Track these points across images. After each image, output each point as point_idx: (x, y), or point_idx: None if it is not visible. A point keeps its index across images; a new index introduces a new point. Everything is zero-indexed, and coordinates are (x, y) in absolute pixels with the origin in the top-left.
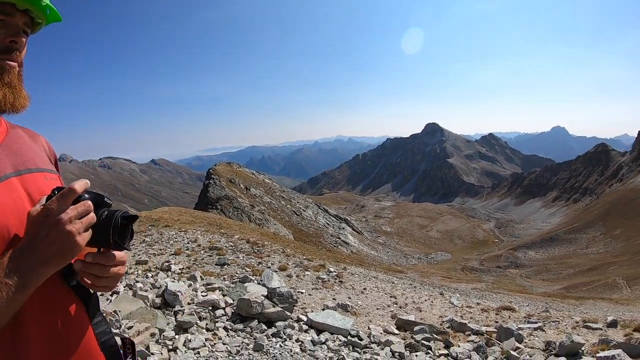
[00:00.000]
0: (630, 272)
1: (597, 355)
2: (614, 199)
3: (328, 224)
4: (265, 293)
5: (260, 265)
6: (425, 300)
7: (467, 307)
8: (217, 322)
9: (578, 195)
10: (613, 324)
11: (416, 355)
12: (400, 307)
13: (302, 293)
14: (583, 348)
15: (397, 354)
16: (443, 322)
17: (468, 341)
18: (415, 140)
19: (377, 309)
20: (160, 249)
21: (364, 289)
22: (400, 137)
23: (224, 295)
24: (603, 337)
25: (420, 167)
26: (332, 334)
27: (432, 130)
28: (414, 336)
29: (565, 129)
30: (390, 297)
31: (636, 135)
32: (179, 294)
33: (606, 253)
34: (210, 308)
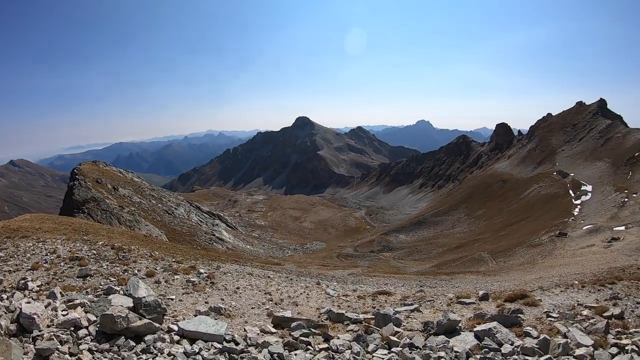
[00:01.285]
0: (493, 247)
1: (475, 329)
2: (475, 184)
3: (201, 222)
4: (131, 304)
5: (127, 273)
6: (302, 294)
7: (343, 295)
8: (80, 344)
9: (442, 182)
10: (485, 297)
11: (295, 354)
12: (276, 304)
13: (172, 300)
14: (460, 324)
15: (275, 355)
16: (321, 314)
17: (347, 331)
18: (286, 134)
19: (252, 308)
20: (16, 265)
21: (237, 288)
22: (271, 130)
23: (86, 312)
24: (478, 312)
25: (291, 160)
26: (206, 341)
27: (303, 123)
28: (292, 333)
29: (429, 122)
30: (265, 294)
31: (494, 128)
32: (35, 316)
33: (470, 232)
34: (73, 329)
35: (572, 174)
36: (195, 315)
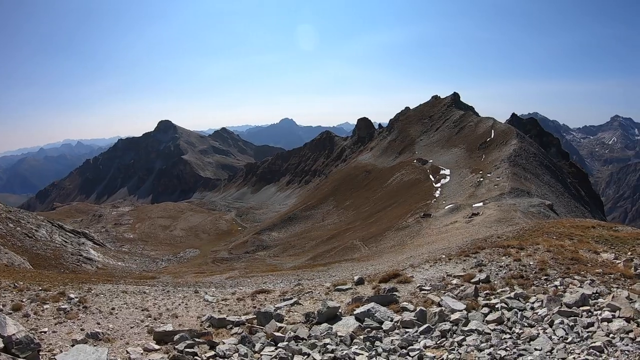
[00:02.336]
0: (364, 234)
1: (354, 313)
2: (341, 177)
3: (66, 242)
4: (2, 345)
5: None
6: (180, 304)
7: (222, 300)
8: None
9: (309, 177)
10: (360, 282)
11: None
12: (155, 319)
13: (45, 332)
14: (340, 310)
15: None
16: (202, 322)
17: (232, 335)
18: (148, 139)
19: (132, 327)
20: None
21: (112, 309)
22: (132, 136)
23: None
24: (355, 296)
25: (156, 166)
26: None
27: (165, 127)
28: (177, 347)
29: (293, 120)
30: (143, 310)
31: (355, 123)
32: None
33: (341, 222)
34: None
35: (431, 161)
36: (73, 345)
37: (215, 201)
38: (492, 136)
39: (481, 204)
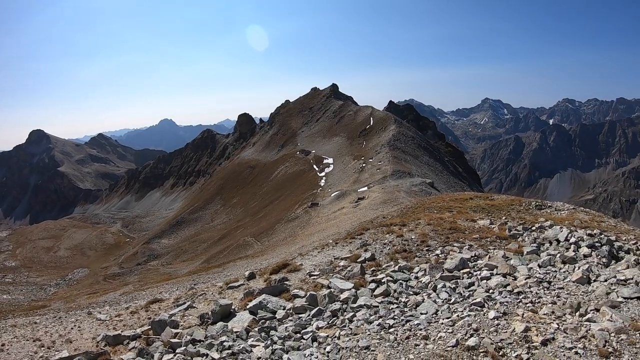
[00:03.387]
0: (254, 230)
1: (248, 307)
2: (225, 175)
3: None
4: None
5: None
6: (73, 328)
7: (116, 316)
8: None
9: (193, 178)
10: (252, 276)
11: None
12: (49, 348)
13: None
14: (233, 307)
15: None
16: (98, 342)
17: (130, 350)
18: (19, 153)
19: None
20: None
21: (2, 344)
22: (1, 151)
23: None
24: (247, 290)
25: (31, 182)
26: None
27: (38, 138)
28: None
29: (172, 120)
30: (35, 341)
31: (236, 119)
32: None
33: (230, 221)
34: None
35: (314, 151)
36: None
37: (98, 214)
38: (372, 123)
39: (366, 188)
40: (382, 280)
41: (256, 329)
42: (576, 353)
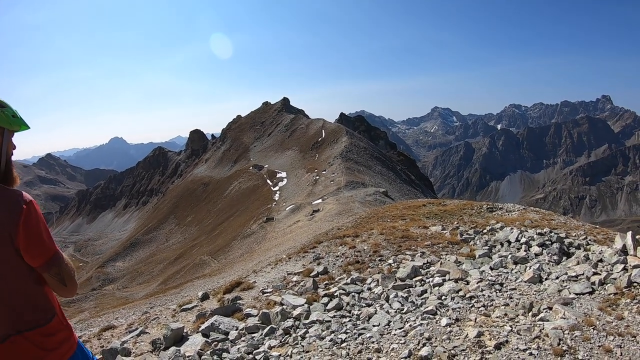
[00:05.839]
0: (211, 248)
1: (200, 330)
2: (178, 193)
3: None
4: None
5: None
6: None
7: None
8: None
9: (146, 198)
10: (205, 297)
11: None
12: None
13: None
14: (185, 330)
15: None
16: None
17: None
18: None
19: None
20: None
21: None
22: None
23: None
24: (199, 312)
25: None
26: None
27: None
28: None
29: (123, 138)
30: None
31: (188, 136)
32: None
33: (185, 240)
34: None
35: (267, 166)
36: None
37: None
38: (323, 136)
39: (320, 200)
40: (335, 294)
41: (208, 352)
42: (530, 354)
